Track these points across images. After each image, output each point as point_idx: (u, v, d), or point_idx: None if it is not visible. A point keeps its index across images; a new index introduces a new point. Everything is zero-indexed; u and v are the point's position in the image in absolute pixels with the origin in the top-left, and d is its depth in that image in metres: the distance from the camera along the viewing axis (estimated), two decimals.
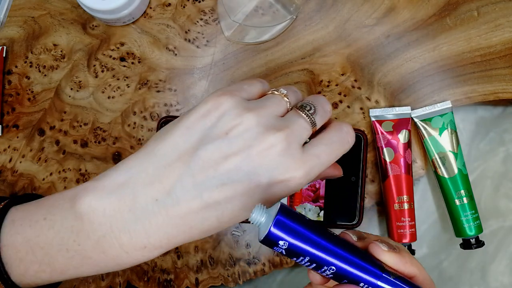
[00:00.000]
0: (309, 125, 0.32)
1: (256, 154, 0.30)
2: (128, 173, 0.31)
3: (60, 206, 0.32)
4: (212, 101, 0.32)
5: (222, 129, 0.31)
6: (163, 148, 0.31)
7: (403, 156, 0.47)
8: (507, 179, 0.50)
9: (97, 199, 0.31)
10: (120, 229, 0.31)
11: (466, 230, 0.47)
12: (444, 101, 0.48)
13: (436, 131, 0.47)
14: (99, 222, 0.31)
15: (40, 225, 0.32)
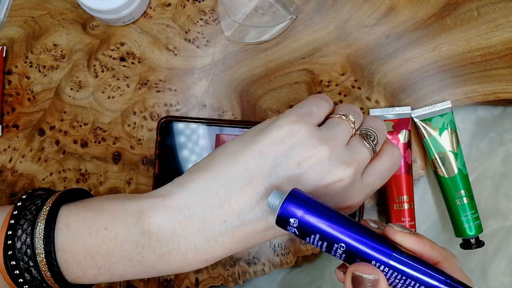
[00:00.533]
0: (371, 155, 0.33)
1: (324, 186, 0.31)
2: (198, 194, 0.32)
3: (123, 219, 0.33)
4: (286, 127, 0.32)
5: (295, 160, 0.31)
6: (235, 170, 0.32)
7: (403, 156, 0.47)
8: (507, 179, 0.50)
9: (167, 218, 0.32)
10: (187, 247, 0.32)
11: (466, 230, 0.47)
12: (444, 101, 0.48)
13: (436, 131, 0.47)
14: (167, 240, 0.32)
15: (101, 234, 0.32)
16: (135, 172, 0.48)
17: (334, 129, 0.33)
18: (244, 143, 0.32)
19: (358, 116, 0.35)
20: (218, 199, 0.32)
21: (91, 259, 0.32)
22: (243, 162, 0.32)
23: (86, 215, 0.33)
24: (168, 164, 0.46)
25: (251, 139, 0.32)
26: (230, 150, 0.33)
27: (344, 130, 0.33)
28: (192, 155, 0.46)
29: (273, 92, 0.48)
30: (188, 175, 0.33)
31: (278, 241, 0.48)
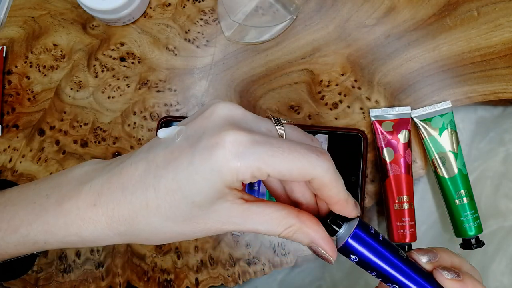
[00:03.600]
0: (271, 125, 0.30)
1: (200, 120, 0.29)
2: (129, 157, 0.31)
3: (57, 174, 0.32)
4: None
5: (209, 110, 0.29)
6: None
7: (403, 156, 0.47)
8: (507, 179, 0.50)
9: (91, 164, 0.31)
10: (85, 182, 0.30)
11: (466, 230, 0.47)
12: (444, 101, 0.48)
13: (436, 131, 0.47)
14: (78, 177, 0.31)
15: (28, 187, 0.32)
16: None
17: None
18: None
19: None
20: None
21: (2, 209, 0.31)
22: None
23: (30, 185, 0.33)
24: None
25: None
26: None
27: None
28: None
29: (273, 92, 0.48)
30: None
31: (278, 241, 0.48)
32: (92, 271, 0.48)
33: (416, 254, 0.33)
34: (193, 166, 0.27)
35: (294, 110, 0.48)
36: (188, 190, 0.27)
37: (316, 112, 0.48)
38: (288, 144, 0.27)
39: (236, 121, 0.28)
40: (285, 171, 0.27)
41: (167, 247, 0.48)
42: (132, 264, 0.48)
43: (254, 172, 0.26)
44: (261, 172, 0.27)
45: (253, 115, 0.30)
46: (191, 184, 0.27)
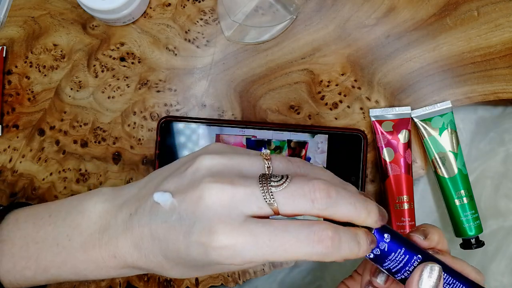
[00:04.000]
0: (260, 198, 0.27)
1: (190, 200, 0.29)
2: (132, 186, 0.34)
3: (68, 204, 0.35)
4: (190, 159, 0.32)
5: (192, 169, 0.31)
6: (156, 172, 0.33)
7: (403, 156, 0.47)
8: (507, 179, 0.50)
9: (101, 202, 0.34)
10: (104, 232, 0.33)
11: (466, 230, 0.47)
12: (444, 101, 0.48)
13: (436, 131, 0.47)
14: (94, 221, 0.33)
15: (44, 221, 0.34)
16: (135, 172, 0.48)
17: (243, 156, 0.31)
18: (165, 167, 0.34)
19: (288, 163, 0.30)
20: (136, 194, 0.33)
21: (26, 248, 0.34)
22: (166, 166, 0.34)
23: (39, 208, 0.35)
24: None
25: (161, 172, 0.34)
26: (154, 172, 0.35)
27: (248, 159, 0.31)
28: None
29: (273, 92, 0.48)
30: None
31: None
32: None
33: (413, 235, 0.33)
34: (190, 257, 0.29)
35: (294, 110, 0.48)
36: (192, 262, 0.30)
37: (316, 112, 0.48)
38: (277, 232, 0.27)
39: (223, 185, 0.28)
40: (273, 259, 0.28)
41: None
42: None
43: (246, 262, 0.28)
44: (255, 262, 0.28)
45: (238, 161, 0.30)
46: (192, 261, 0.29)
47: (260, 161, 0.30)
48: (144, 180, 0.34)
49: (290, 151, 0.47)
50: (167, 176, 0.32)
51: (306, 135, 0.47)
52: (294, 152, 0.47)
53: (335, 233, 0.27)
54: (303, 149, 0.47)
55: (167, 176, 0.32)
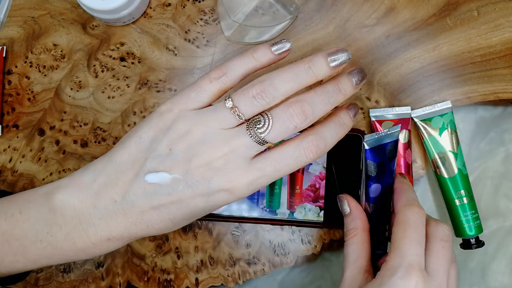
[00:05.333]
0: (253, 143, 0.33)
1: (196, 167, 0.33)
2: (93, 174, 0.35)
3: (35, 201, 0.35)
4: (164, 115, 0.34)
5: (166, 144, 0.33)
6: (121, 155, 0.34)
7: (403, 156, 0.47)
8: (507, 179, 0.50)
9: (68, 195, 0.35)
10: (87, 223, 0.34)
11: (466, 230, 0.47)
12: (444, 101, 0.48)
13: (436, 131, 0.47)
14: (70, 216, 0.34)
15: (16, 218, 0.35)
16: None
17: (208, 114, 0.33)
18: (132, 131, 0.35)
19: (253, 101, 0.33)
20: (109, 180, 0.34)
21: (8, 244, 0.35)
22: (127, 148, 0.34)
23: (4, 203, 0.36)
24: None
25: (136, 127, 0.35)
26: (123, 139, 0.36)
27: (218, 117, 0.33)
28: None
29: None
30: (92, 162, 0.36)
31: (278, 241, 0.48)
32: (92, 271, 0.48)
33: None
34: (207, 208, 0.34)
35: None
36: (202, 213, 0.35)
37: None
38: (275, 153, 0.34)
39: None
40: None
41: (167, 247, 0.48)
42: (132, 264, 0.48)
43: (259, 188, 0.35)
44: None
45: (213, 123, 0.33)
46: (203, 212, 0.35)
47: (228, 114, 0.33)
48: (106, 165, 0.35)
49: None
50: (142, 157, 0.34)
51: None
52: None
53: (318, 138, 0.34)
54: None
55: (142, 157, 0.34)
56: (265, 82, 0.33)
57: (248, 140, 0.33)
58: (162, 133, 0.34)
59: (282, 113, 0.33)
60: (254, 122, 0.33)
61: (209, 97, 0.34)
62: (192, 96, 0.34)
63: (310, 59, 0.33)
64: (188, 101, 0.34)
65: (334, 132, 0.34)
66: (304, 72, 0.33)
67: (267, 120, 0.32)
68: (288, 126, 0.33)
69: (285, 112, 0.33)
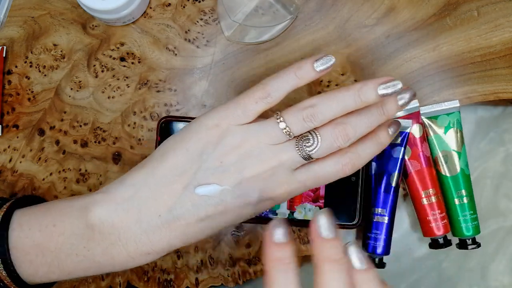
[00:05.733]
0: (300, 158, 0.35)
1: (246, 179, 0.34)
2: (133, 188, 0.34)
3: (69, 214, 0.35)
4: (211, 129, 0.35)
5: (217, 157, 0.34)
6: (166, 167, 0.34)
7: (421, 150, 0.47)
8: (507, 179, 0.50)
9: (107, 211, 0.34)
10: (128, 239, 0.34)
11: (463, 230, 0.47)
12: (452, 100, 0.48)
13: (442, 129, 0.47)
14: (109, 232, 0.34)
15: (50, 230, 0.35)
16: None
17: (258, 130, 0.35)
18: (174, 142, 0.35)
19: (301, 118, 0.34)
20: (152, 194, 0.34)
21: (42, 255, 0.35)
22: (172, 160, 0.34)
23: (37, 214, 0.36)
24: None
25: (179, 138, 0.35)
26: (164, 148, 0.35)
27: (268, 133, 0.35)
28: None
29: None
30: (129, 172, 0.36)
31: None
32: None
33: None
34: (252, 214, 0.36)
35: None
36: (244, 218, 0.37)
37: None
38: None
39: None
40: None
41: None
42: None
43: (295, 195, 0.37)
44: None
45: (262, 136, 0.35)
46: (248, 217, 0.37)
47: (277, 131, 0.35)
48: (147, 178, 0.34)
49: None
50: (190, 170, 0.34)
51: None
52: None
53: (356, 156, 0.36)
54: None
55: (190, 170, 0.34)
56: (316, 108, 0.34)
57: (296, 155, 0.35)
58: (212, 146, 0.34)
59: (329, 134, 0.35)
60: (304, 140, 0.35)
61: (254, 116, 0.35)
62: (239, 114, 0.35)
63: (361, 87, 0.34)
64: (235, 118, 0.35)
65: (371, 151, 0.37)
66: (353, 100, 0.34)
67: (316, 139, 0.35)
68: (332, 145, 0.35)
69: (331, 134, 0.35)
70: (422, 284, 0.50)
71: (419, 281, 0.50)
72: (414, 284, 0.50)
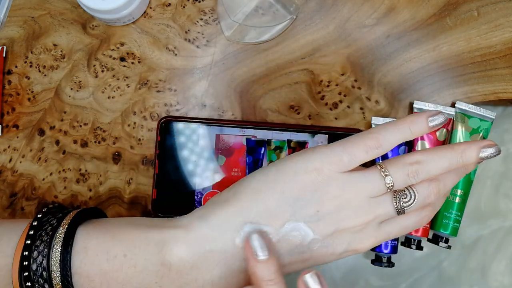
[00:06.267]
0: (394, 212, 0.35)
1: (338, 231, 0.33)
2: (219, 229, 0.32)
3: (144, 247, 0.33)
4: (311, 173, 0.33)
5: (315, 206, 0.33)
6: (256, 208, 0.32)
7: None
8: (507, 179, 0.50)
9: (189, 252, 0.32)
10: (204, 281, 0.32)
11: (442, 225, 0.46)
12: (491, 111, 0.47)
13: (470, 129, 0.47)
14: (187, 273, 0.32)
15: (120, 261, 0.32)
16: (135, 172, 0.48)
17: (361, 181, 0.34)
18: (267, 180, 0.33)
19: (405, 171, 0.34)
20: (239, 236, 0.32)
21: (107, 284, 0.32)
22: (265, 201, 0.32)
23: (105, 239, 0.33)
24: (168, 164, 0.46)
25: (274, 177, 0.33)
26: (253, 186, 0.33)
27: (370, 186, 0.34)
28: (192, 155, 0.46)
29: (273, 92, 0.48)
30: (210, 207, 0.34)
31: None
32: None
33: None
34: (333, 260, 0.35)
35: (294, 110, 0.48)
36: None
37: (316, 112, 0.48)
38: None
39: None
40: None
41: None
42: None
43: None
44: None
45: (362, 186, 0.35)
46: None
47: (380, 183, 0.34)
48: (233, 216, 0.32)
49: (290, 151, 0.47)
50: (283, 215, 0.32)
51: (306, 135, 0.47)
52: (294, 152, 0.47)
53: (433, 210, 0.37)
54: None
55: (283, 215, 0.32)
56: (422, 165, 0.34)
57: (392, 209, 0.34)
58: (310, 193, 0.33)
59: (425, 190, 0.35)
60: (401, 195, 0.34)
61: (358, 164, 0.34)
62: (345, 161, 0.33)
63: (464, 149, 0.35)
64: (340, 164, 0.33)
65: (441, 204, 0.38)
66: (455, 161, 0.35)
67: (413, 195, 0.34)
68: (425, 201, 0.35)
69: (426, 190, 0.35)
70: (422, 284, 0.50)
71: (419, 281, 0.50)
72: (414, 284, 0.50)
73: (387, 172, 0.34)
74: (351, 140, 0.34)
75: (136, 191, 0.48)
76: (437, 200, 0.37)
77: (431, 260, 0.50)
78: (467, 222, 0.50)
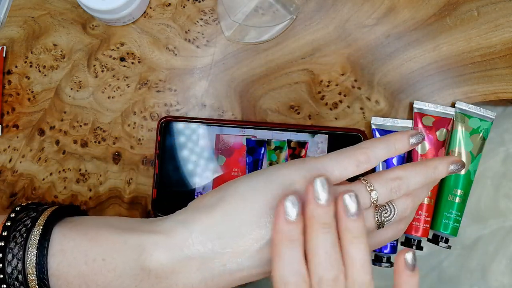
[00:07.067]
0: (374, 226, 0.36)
1: None
2: (201, 236, 0.32)
3: (122, 252, 0.32)
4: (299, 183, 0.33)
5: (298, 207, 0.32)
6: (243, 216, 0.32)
7: (435, 154, 0.47)
8: (507, 179, 0.50)
9: (168, 257, 0.32)
10: (185, 285, 0.32)
11: (442, 225, 0.46)
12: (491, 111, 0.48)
13: (469, 129, 0.47)
14: (166, 277, 0.32)
15: (98, 265, 0.32)
16: (135, 172, 0.48)
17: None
18: (255, 187, 0.33)
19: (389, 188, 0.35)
20: (221, 243, 0.32)
21: (86, 286, 0.32)
22: (251, 209, 0.32)
23: (82, 242, 0.33)
24: (168, 164, 0.46)
25: (264, 185, 0.33)
26: (241, 192, 0.33)
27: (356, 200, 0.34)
28: (192, 155, 0.46)
29: (273, 92, 0.48)
30: (193, 212, 0.34)
31: None
32: None
33: None
34: None
35: (294, 110, 0.48)
36: None
37: (316, 112, 0.48)
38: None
39: None
40: None
41: None
42: None
43: None
44: None
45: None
46: None
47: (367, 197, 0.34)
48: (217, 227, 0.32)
49: (290, 151, 0.47)
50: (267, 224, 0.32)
51: (306, 135, 0.47)
52: (294, 152, 0.47)
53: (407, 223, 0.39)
54: (303, 149, 0.47)
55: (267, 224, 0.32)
56: (403, 181, 0.35)
57: (373, 223, 0.35)
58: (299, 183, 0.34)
59: (403, 205, 0.36)
60: (383, 210, 0.35)
61: (349, 177, 0.35)
62: (336, 174, 0.34)
63: (437, 165, 0.37)
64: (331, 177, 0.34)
65: (412, 217, 0.40)
66: (429, 176, 0.36)
67: (393, 210, 0.36)
68: (403, 215, 0.36)
69: (404, 205, 0.36)
70: (422, 284, 0.50)
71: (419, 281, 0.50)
72: None
73: (372, 186, 0.34)
74: (342, 153, 0.35)
75: (136, 191, 0.48)
76: (411, 214, 0.38)
77: (431, 260, 0.50)
78: (467, 222, 0.50)
